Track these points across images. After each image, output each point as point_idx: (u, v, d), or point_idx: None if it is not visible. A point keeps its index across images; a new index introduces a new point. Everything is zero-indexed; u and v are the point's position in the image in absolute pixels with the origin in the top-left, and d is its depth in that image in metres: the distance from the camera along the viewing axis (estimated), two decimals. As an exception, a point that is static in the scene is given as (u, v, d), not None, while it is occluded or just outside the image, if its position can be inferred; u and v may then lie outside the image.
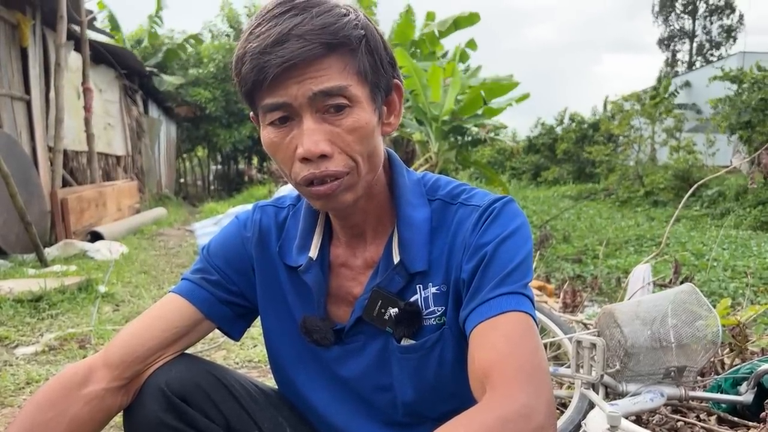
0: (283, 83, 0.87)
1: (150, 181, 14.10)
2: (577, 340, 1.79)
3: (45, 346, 3.20)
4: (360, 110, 0.90)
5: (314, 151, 0.88)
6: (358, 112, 0.90)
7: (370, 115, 0.92)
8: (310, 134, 0.88)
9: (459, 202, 1.03)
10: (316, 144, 0.88)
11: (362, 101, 0.91)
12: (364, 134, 0.91)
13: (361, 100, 0.91)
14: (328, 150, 0.89)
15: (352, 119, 0.90)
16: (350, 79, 0.89)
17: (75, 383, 1.00)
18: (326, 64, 0.87)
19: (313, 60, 0.86)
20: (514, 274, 0.93)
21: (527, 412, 0.77)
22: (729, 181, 12.25)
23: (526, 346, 0.86)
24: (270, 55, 0.85)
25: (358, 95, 0.90)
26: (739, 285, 5.42)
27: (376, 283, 1.03)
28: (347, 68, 0.89)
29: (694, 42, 40.84)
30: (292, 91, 0.87)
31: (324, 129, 0.89)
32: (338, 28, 0.87)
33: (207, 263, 1.12)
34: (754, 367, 1.92)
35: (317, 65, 0.86)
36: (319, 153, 0.88)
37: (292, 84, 0.87)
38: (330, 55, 0.87)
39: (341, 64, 0.88)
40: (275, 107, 0.89)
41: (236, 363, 3.07)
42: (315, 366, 1.12)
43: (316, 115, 0.89)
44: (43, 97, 7.38)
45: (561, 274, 6.45)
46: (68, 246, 6.22)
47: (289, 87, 0.87)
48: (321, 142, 0.88)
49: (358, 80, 0.90)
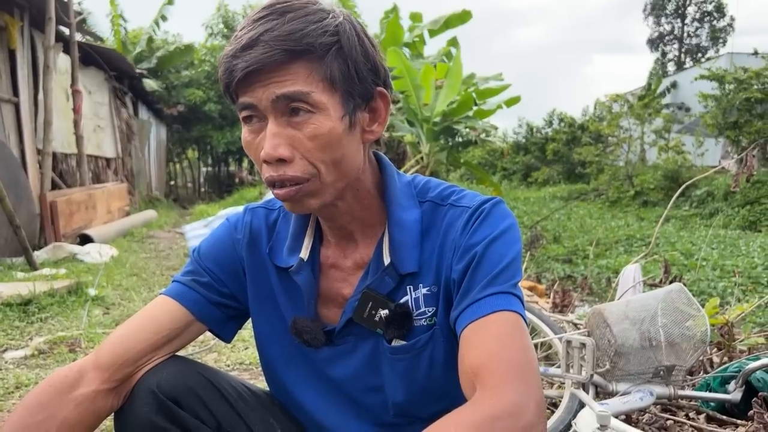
0: (250, 86, 0.89)
1: (140, 183, 14.05)
2: (567, 340, 1.80)
3: (34, 350, 3.18)
4: (323, 117, 0.90)
5: (272, 155, 0.90)
6: (319, 119, 0.90)
7: (335, 123, 0.91)
8: (271, 137, 0.90)
9: (449, 204, 1.04)
10: (275, 148, 0.89)
11: (327, 108, 0.90)
12: (326, 142, 0.91)
13: (327, 107, 0.90)
14: (287, 155, 0.90)
15: (313, 126, 0.90)
16: (314, 86, 0.89)
17: (65, 386, 1.00)
18: (292, 69, 0.88)
19: (277, 65, 0.87)
20: (503, 274, 0.93)
21: (517, 410, 0.77)
22: (718, 181, 12.34)
23: (515, 345, 0.86)
24: (238, 60, 0.87)
25: (322, 102, 0.90)
26: (728, 284, 5.46)
27: (367, 284, 1.03)
28: (312, 75, 0.89)
29: (684, 44, 41.10)
30: (257, 93, 0.89)
31: (286, 133, 0.90)
32: (304, 35, 0.87)
33: (198, 265, 1.12)
34: (742, 366, 1.94)
35: (283, 70, 0.88)
36: (277, 157, 0.90)
37: (257, 87, 0.89)
38: (295, 61, 0.88)
39: (306, 70, 0.89)
40: (244, 107, 0.92)
41: (227, 366, 3.06)
42: (305, 367, 1.12)
43: (280, 118, 0.90)
44: (31, 100, 7.34)
45: (551, 274, 6.47)
46: (58, 249, 6.18)
47: (256, 90, 0.89)
48: (280, 146, 0.90)
49: (324, 87, 0.90)
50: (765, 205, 10.62)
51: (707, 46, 39.94)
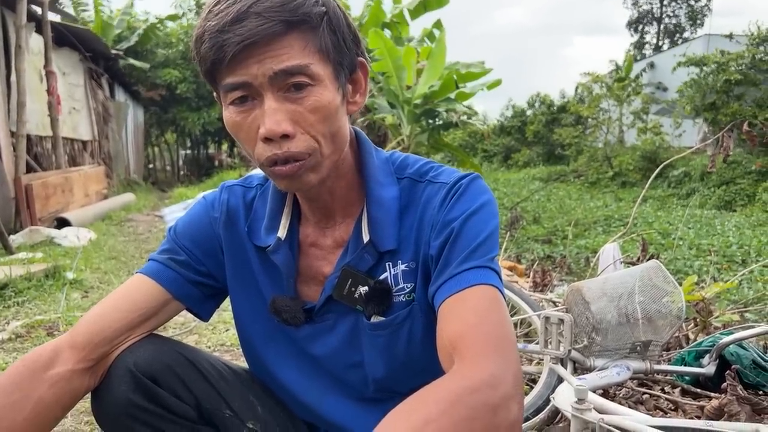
0: (243, 62, 0.85)
1: (118, 166, 13.85)
2: (546, 317, 1.82)
3: (12, 334, 3.14)
4: (322, 89, 0.89)
5: (276, 131, 0.87)
6: (320, 91, 0.89)
7: (333, 94, 0.91)
8: (271, 114, 0.87)
9: (427, 180, 1.04)
10: (278, 124, 0.87)
11: (325, 80, 0.89)
12: (327, 114, 0.90)
13: (324, 79, 0.89)
14: (291, 130, 0.88)
15: (314, 98, 0.88)
16: (312, 58, 0.87)
17: (40, 365, 0.99)
18: (286, 42, 0.86)
19: (273, 38, 0.84)
20: (480, 249, 0.94)
21: (494, 381, 0.77)
22: (694, 161, 12.48)
23: (493, 317, 0.87)
24: (228, 34, 0.83)
25: (320, 74, 0.89)
26: (704, 263, 5.55)
27: (346, 261, 1.03)
28: (308, 46, 0.87)
29: (662, 25, 41.30)
30: (252, 70, 0.86)
31: (286, 108, 0.88)
32: (298, 4, 0.85)
33: (174, 243, 1.11)
34: (715, 340, 1.98)
35: (277, 43, 0.85)
36: (281, 133, 0.87)
37: (252, 63, 0.85)
38: (290, 33, 0.86)
39: (302, 42, 0.87)
40: (236, 86, 0.88)
41: (208, 347, 3.05)
42: (286, 345, 1.12)
43: (278, 94, 0.87)
44: (3, 81, 7.17)
45: (531, 254, 6.53)
46: (34, 233, 6.09)
47: (250, 66, 0.85)
48: (283, 122, 0.87)
49: (320, 58, 0.89)
50: (740, 185, 10.77)
51: (685, 27, 40.19)
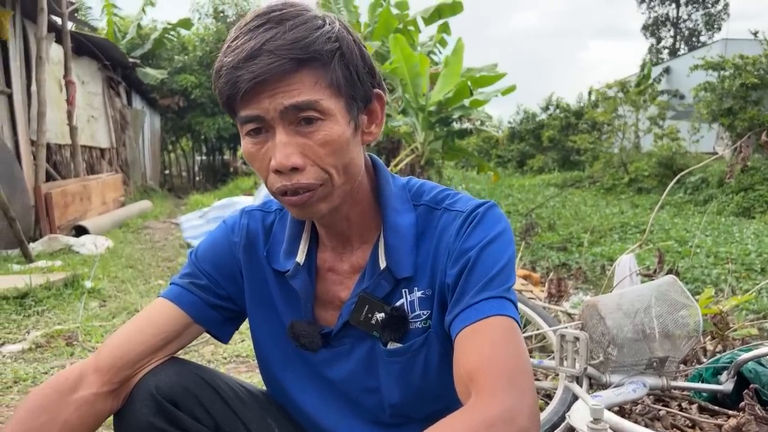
0: (255, 97, 0.88)
1: (135, 173, 14.00)
2: (561, 334, 1.82)
3: (32, 344, 3.19)
4: (332, 123, 0.91)
5: (286, 164, 0.89)
6: (330, 126, 0.91)
7: (344, 128, 0.92)
8: (282, 147, 0.89)
9: (443, 208, 1.05)
10: (287, 157, 0.89)
11: (335, 114, 0.91)
12: (337, 147, 0.92)
13: (335, 113, 0.91)
14: (300, 163, 0.90)
15: (323, 133, 0.90)
16: (322, 93, 0.89)
17: (66, 388, 1.01)
18: (297, 78, 0.88)
19: (284, 75, 0.87)
20: (497, 279, 0.94)
21: (510, 415, 0.78)
22: (712, 168, 12.37)
23: (509, 350, 0.87)
24: (242, 71, 0.86)
25: (330, 108, 0.90)
26: (722, 271, 5.49)
27: (363, 288, 1.04)
28: (319, 82, 0.89)
29: (678, 29, 40.99)
30: (264, 104, 0.88)
31: (296, 142, 0.90)
32: (309, 42, 0.87)
33: (195, 268, 1.13)
34: (734, 357, 1.96)
35: (288, 80, 0.87)
36: (290, 166, 0.90)
37: (264, 98, 0.88)
38: (301, 70, 0.88)
39: (313, 78, 0.89)
40: (249, 119, 0.91)
41: (224, 358, 3.08)
42: (303, 369, 1.13)
43: (289, 128, 0.90)
44: (24, 91, 7.29)
45: (546, 262, 6.50)
46: (53, 241, 6.18)
47: (262, 101, 0.88)
48: (293, 155, 0.90)
49: (330, 93, 0.90)
50: (759, 192, 10.65)
51: (700, 30, 39.84)
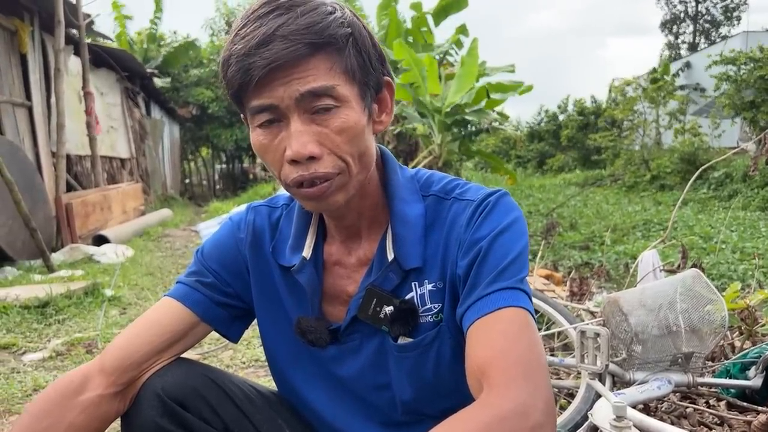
0: (269, 85, 0.85)
1: (155, 182, 14.13)
2: (581, 330, 1.78)
3: (52, 352, 3.21)
4: (348, 110, 0.88)
5: (302, 153, 0.86)
6: (346, 112, 0.88)
7: (359, 115, 0.90)
8: (298, 136, 0.86)
9: (453, 197, 1.02)
10: (304, 146, 0.86)
11: (351, 101, 0.89)
12: (354, 134, 0.89)
13: (350, 100, 0.89)
14: (317, 151, 0.87)
15: (340, 120, 0.88)
16: (337, 79, 0.87)
17: (71, 391, 1.00)
18: (312, 64, 0.85)
19: (299, 60, 0.84)
20: (509, 269, 0.91)
21: (524, 410, 0.75)
22: (736, 162, 12.14)
23: (523, 342, 0.84)
24: (255, 57, 0.83)
25: (346, 95, 0.88)
26: (749, 267, 5.37)
27: (371, 281, 1.01)
28: (334, 68, 0.87)
29: (697, 23, 40.47)
30: (278, 92, 0.85)
31: (312, 130, 0.87)
32: (323, 27, 0.85)
33: (201, 266, 1.11)
34: (762, 351, 1.90)
35: (303, 66, 0.85)
36: (307, 155, 0.87)
37: (278, 86, 0.85)
38: (316, 55, 0.85)
39: (328, 63, 0.86)
40: (262, 109, 0.88)
41: (243, 363, 3.07)
42: (312, 366, 1.10)
43: (304, 116, 0.87)
44: (44, 103, 7.39)
45: (568, 261, 6.41)
46: (74, 250, 6.24)
47: (275, 89, 0.85)
48: (309, 143, 0.87)
49: (345, 79, 0.88)
50: (785, 186, 10.43)
51: (721, 20, 39.24)
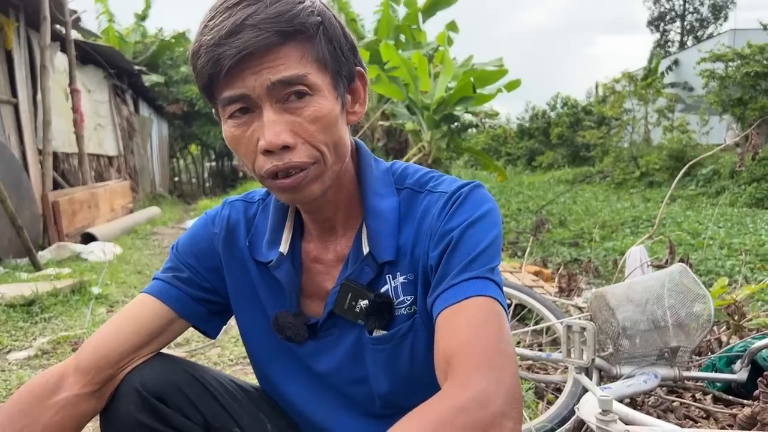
0: (239, 74, 0.84)
1: (143, 180, 14.04)
2: (568, 325, 1.77)
3: (38, 351, 3.18)
4: (321, 99, 0.87)
5: (276, 142, 0.85)
6: (319, 101, 0.87)
7: (333, 104, 0.89)
8: (271, 126, 0.85)
9: (427, 190, 1.01)
10: (277, 135, 0.85)
11: (323, 89, 0.88)
12: (327, 123, 0.88)
13: (322, 89, 0.88)
14: (291, 141, 0.86)
15: (313, 108, 0.87)
16: (309, 67, 0.86)
17: (46, 391, 0.98)
18: (283, 53, 0.84)
19: (269, 49, 0.83)
20: (479, 259, 0.90)
21: (484, 398, 0.73)
22: (723, 159, 12.23)
23: (489, 330, 0.82)
24: (225, 47, 0.82)
25: (318, 83, 0.87)
26: (736, 262, 5.40)
27: (346, 275, 1.00)
28: (305, 56, 0.86)
29: (685, 21, 40.68)
30: (249, 82, 0.84)
31: (285, 119, 0.86)
32: (293, 15, 0.84)
33: (177, 261, 1.09)
34: (747, 345, 1.91)
35: (274, 54, 0.84)
36: (281, 144, 0.85)
37: (248, 75, 0.84)
38: (286, 44, 0.84)
39: (299, 52, 0.85)
40: (233, 100, 0.86)
41: (231, 360, 3.05)
42: (291, 361, 1.09)
43: (276, 105, 0.86)
44: (30, 100, 7.32)
45: (558, 258, 6.42)
46: (61, 249, 6.18)
47: (246, 78, 0.84)
48: (283, 133, 0.86)
49: (317, 68, 0.87)
50: (772, 182, 10.52)
51: (709, 18, 39.47)
